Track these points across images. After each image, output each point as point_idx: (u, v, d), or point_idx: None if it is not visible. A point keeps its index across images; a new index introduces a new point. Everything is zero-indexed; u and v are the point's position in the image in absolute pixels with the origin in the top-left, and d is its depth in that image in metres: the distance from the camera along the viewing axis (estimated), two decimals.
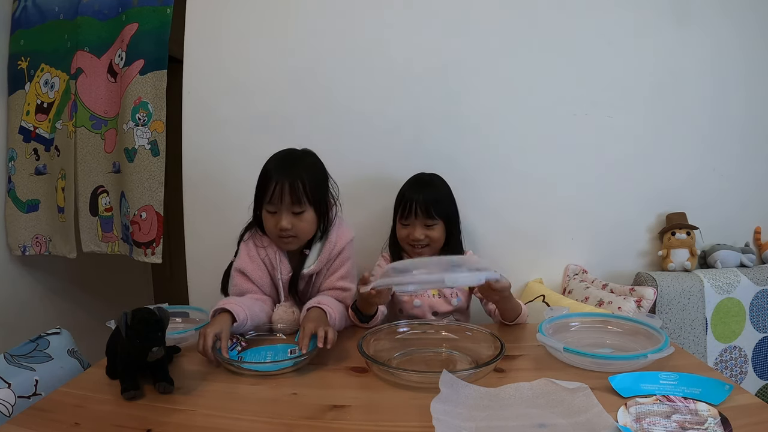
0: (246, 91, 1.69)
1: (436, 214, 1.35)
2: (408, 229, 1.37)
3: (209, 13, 1.69)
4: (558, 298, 1.55)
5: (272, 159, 1.24)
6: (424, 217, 1.35)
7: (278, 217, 1.19)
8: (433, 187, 1.41)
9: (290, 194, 1.17)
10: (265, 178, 1.20)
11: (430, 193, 1.37)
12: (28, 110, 1.89)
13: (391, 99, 1.67)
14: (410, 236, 1.36)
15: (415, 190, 1.38)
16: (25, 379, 1.02)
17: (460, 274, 1.00)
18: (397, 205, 1.43)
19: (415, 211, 1.34)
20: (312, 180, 1.20)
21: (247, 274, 1.25)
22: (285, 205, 1.18)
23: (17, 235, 1.91)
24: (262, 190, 1.21)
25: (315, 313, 1.13)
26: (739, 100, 1.74)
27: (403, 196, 1.40)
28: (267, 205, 1.20)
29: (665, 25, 1.69)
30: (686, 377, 0.87)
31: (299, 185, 1.17)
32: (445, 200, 1.40)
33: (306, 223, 1.21)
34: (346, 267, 1.29)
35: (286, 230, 1.19)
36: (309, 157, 1.27)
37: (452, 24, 1.65)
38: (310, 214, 1.21)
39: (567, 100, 1.68)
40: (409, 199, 1.36)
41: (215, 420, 0.82)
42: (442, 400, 0.79)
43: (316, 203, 1.21)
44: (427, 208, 1.34)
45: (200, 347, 1.00)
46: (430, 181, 1.43)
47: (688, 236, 1.67)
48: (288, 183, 1.16)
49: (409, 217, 1.36)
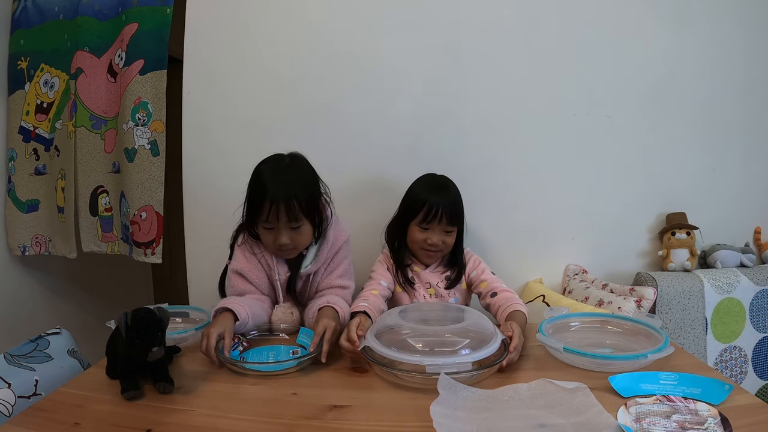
0: (246, 91, 1.69)
1: (456, 220, 1.32)
2: (426, 233, 1.32)
3: (209, 13, 1.69)
4: (558, 298, 1.55)
5: (262, 172, 1.19)
6: (446, 224, 1.31)
7: (276, 234, 1.17)
8: (453, 192, 1.36)
9: (287, 214, 1.14)
10: (259, 197, 1.16)
11: (451, 199, 1.33)
12: (27, 110, 1.89)
13: (391, 99, 1.67)
14: (427, 241, 1.32)
15: (438, 195, 1.32)
16: (25, 379, 1.02)
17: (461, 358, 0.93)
18: (410, 207, 1.35)
19: (439, 217, 1.29)
20: (305, 193, 1.18)
21: (245, 275, 1.25)
22: (282, 223, 1.16)
23: (17, 235, 1.91)
24: (256, 208, 1.17)
25: (329, 312, 1.14)
26: (739, 100, 1.74)
27: (423, 199, 1.32)
28: (264, 223, 1.18)
29: (665, 25, 1.69)
30: (686, 377, 0.87)
31: (294, 204, 1.14)
32: (461, 206, 1.36)
33: (304, 236, 1.21)
34: (344, 265, 1.30)
35: (285, 245, 1.19)
36: (298, 164, 1.23)
37: (452, 24, 1.65)
38: (306, 226, 1.20)
39: (567, 100, 1.68)
40: (434, 204, 1.30)
41: (215, 420, 0.82)
42: (441, 403, 0.79)
43: (312, 215, 1.20)
44: (450, 215, 1.30)
45: (203, 347, 1.00)
46: (447, 184, 1.38)
47: (688, 236, 1.67)
48: (283, 204, 1.13)
49: (432, 222, 1.30)
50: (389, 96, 1.67)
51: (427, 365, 0.90)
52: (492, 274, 1.37)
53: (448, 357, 0.93)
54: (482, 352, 0.94)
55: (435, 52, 1.66)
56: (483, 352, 0.94)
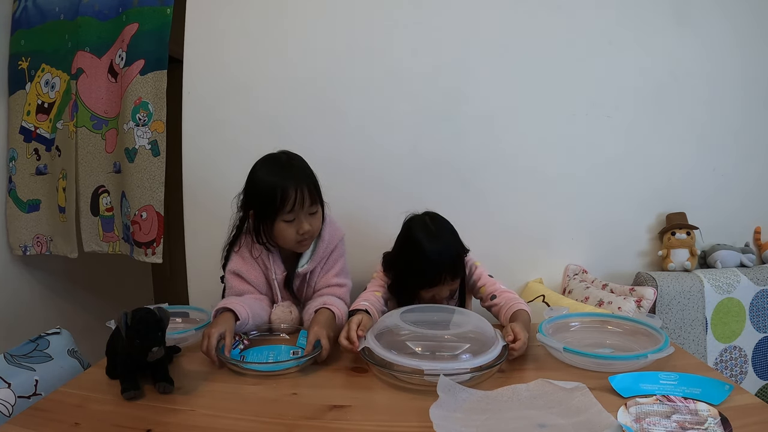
0: (246, 91, 1.69)
1: (460, 271, 1.27)
2: (433, 291, 1.25)
3: (209, 13, 1.69)
4: (558, 298, 1.55)
5: (269, 171, 1.20)
6: (451, 279, 1.25)
7: (299, 223, 1.19)
8: (450, 241, 1.26)
9: (309, 197, 1.18)
10: (279, 191, 1.15)
11: (452, 254, 1.24)
12: (28, 110, 1.89)
13: (391, 99, 1.67)
14: (436, 297, 1.27)
15: (438, 255, 1.22)
16: (25, 379, 1.02)
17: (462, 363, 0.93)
18: (412, 271, 1.24)
19: (443, 279, 1.23)
20: (313, 178, 1.23)
21: (243, 276, 1.25)
22: (304, 209, 1.18)
23: (18, 235, 1.91)
24: (277, 203, 1.16)
25: (323, 315, 1.14)
26: (738, 99, 1.74)
27: (426, 263, 1.21)
28: (285, 216, 1.17)
29: (665, 25, 1.69)
30: (686, 377, 0.87)
31: (312, 186, 1.20)
32: (461, 249, 1.29)
33: (319, 221, 1.24)
34: (340, 264, 1.32)
35: (308, 232, 1.20)
36: (293, 156, 1.26)
37: (452, 24, 1.65)
38: (320, 211, 1.24)
39: (567, 100, 1.68)
40: (436, 268, 1.21)
41: (215, 420, 0.82)
42: (440, 406, 0.79)
43: (321, 200, 1.24)
44: (454, 273, 1.24)
45: (204, 347, 1.00)
46: (441, 234, 1.26)
47: (688, 236, 1.67)
48: (305, 186, 1.17)
49: (438, 284, 1.23)
50: (389, 96, 1.67)
51: (425, 370, 0.90)
52: (489, 277, 1.34)
53: (447, 362, 0.93)
54: (482, 358, 0.94)
55: (435, 53, 1.66)
56: (483, 358, 0.94)
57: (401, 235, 1.32)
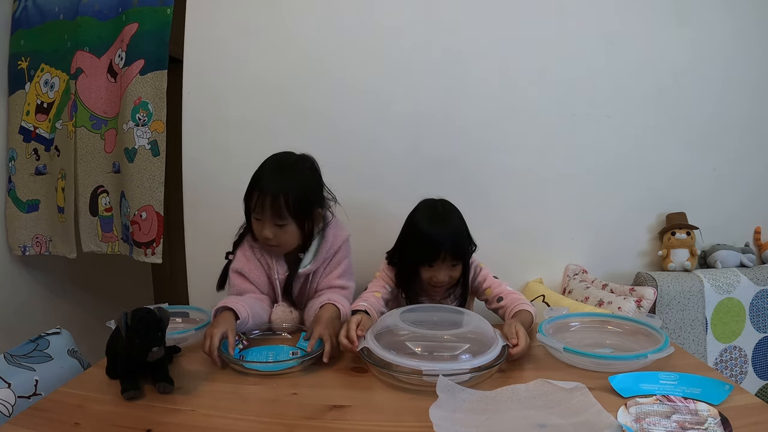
0: (246, 91, 1.69)
1: (460, 255, 1.27)
2: (432, 271, 1.25)
3: (209, 13, 1.69)
4: (558, 298, 1.55)
5: (265, 165, 1.22)
6: (451, 260, 1.24)
7: (263, 226, 1.19)
8: (456, 224, 1.26)
9: (271, 208, 1.16)
10: (253, 186, 1.19)
11: (455, 234, 1.24)
12: (28, 110, 1.89)
13: (391, 99, 1.67)
14: (433, 279, 1.26)
15: (440, 231, 1.23)
16: (25, 379, 1.02)
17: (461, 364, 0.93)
18: (413, 244, 1.26)
19: (443, 257, 1.22)
20: (297, 194, 1.17)
21: (245, 275, 1.25)
22: (267, 216, 1.17)
23: (17, 235, 1.91)
24: (249, 197, 1.20)
25: (328, 312, 1.14)
26: (738, 99, 1.74)
27: (426, 237, 1.23)
28: (254, 213, 1.20)
29: (665, 25, 1.69)
30: (686, 377, 0.87)
31: (281, 200, 1.15)
32: (467, 237, 1.28)
33: (289, 235, 1.21)
34: (343, 265, 1.30)
35: (268, 239, 1.20)
36: (302, 165, 1.24)
37: (452, 24, 1.65)
38: (292, 227, 1.20)
39: (567, 100, 1.68)
40: (436, 243, 1.21)
41: (215, 420, 0.82)
42: (440, 406, 0.79)
43: (298, 217, 1.19)
44: (454, 253, 1.23)
45: (206, 348, 1.00)
46: (448, 216, 1.27)
47: (688, 236, 1.67)
48: (270, 197, 1.15)
49: (436, 261, 1.24)
50: (389, 96, 1.67)
51: (424, 370, 0.90)
52: (495, 279, 1.34)
53: (447, 362, 0.93)
54: (482, 358, 0.94)
55: (435, 53, 1.66)
56: (483, 358, 0.94)
57: (410, 213, 1.33)
